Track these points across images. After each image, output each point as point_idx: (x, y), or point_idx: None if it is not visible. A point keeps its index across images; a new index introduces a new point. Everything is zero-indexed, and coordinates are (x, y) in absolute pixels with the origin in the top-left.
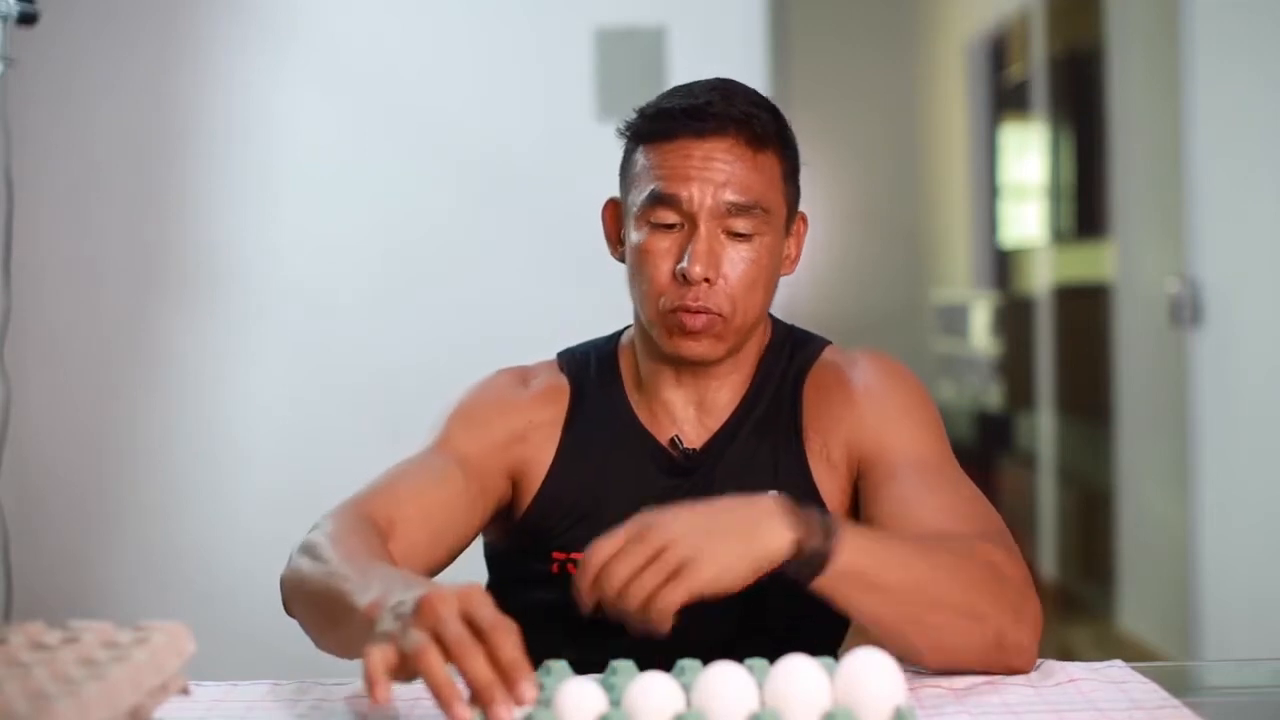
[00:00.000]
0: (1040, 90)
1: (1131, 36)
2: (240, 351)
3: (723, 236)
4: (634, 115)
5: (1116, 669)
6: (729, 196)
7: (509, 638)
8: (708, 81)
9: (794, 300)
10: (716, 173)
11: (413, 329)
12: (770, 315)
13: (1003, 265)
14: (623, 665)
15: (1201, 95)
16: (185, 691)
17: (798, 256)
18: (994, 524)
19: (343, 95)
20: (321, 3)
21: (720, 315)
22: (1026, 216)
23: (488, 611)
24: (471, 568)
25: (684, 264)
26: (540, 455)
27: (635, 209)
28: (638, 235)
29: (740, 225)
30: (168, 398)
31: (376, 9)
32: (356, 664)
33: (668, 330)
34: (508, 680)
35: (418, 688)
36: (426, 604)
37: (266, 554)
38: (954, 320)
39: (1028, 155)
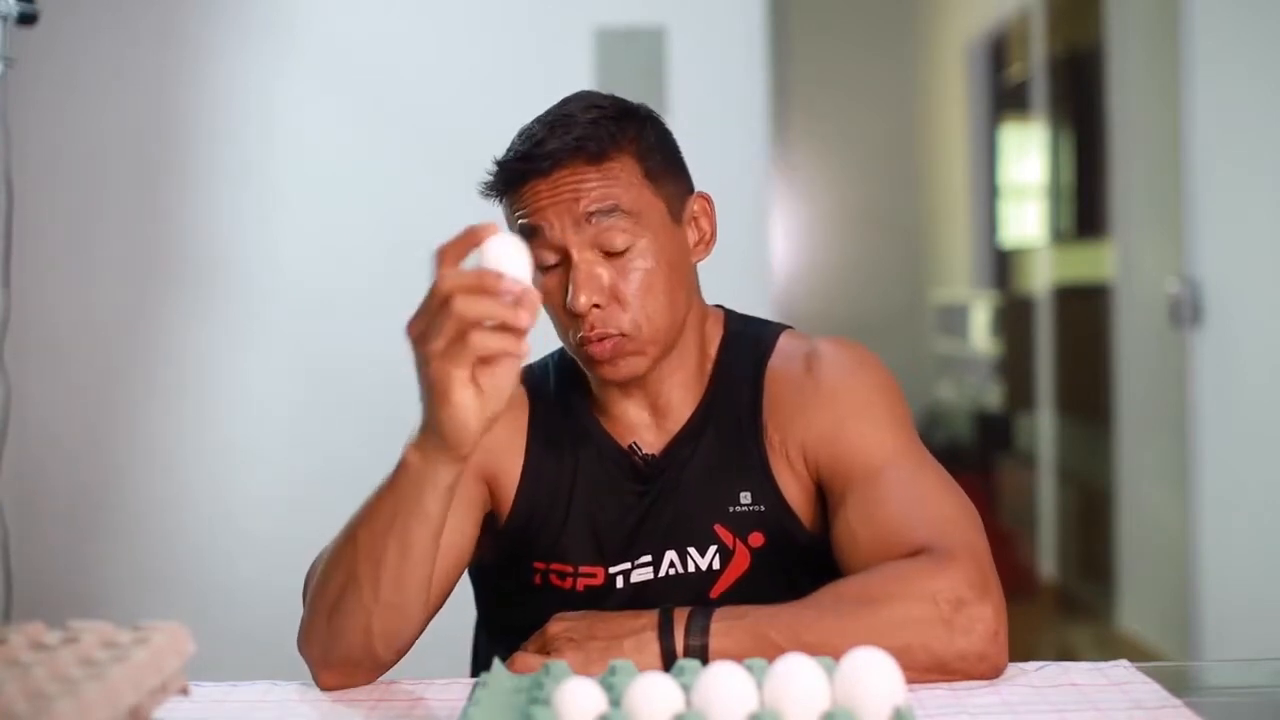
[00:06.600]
0: (1040, 90)
1: (1131, 36)
2: (240, 351)
3: (601, 258)
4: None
5: (1121, 669)
6: (585, 207)
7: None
8: (546, 115)
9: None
10: (565, 195)
11: None
12: (724, 308)
13: (1002, 265)
14: (622, 665)
15: (1201, 95)
16: (185, 691)
17: (712, 235)
18: (961, 521)
19: (343, 95)
20: (322, 3)
21: (623, 335)
22: (1026, 216)
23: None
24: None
25: (569, 299)
26: (508, 464)
27: None
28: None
29: (614, 241)
30: (168, 397)
31: (377, 9)
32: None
33: (585, 362)
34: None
35: (418, 685)
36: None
37: (266, 554)
38: (954, 320)
39: (1028, 155)
